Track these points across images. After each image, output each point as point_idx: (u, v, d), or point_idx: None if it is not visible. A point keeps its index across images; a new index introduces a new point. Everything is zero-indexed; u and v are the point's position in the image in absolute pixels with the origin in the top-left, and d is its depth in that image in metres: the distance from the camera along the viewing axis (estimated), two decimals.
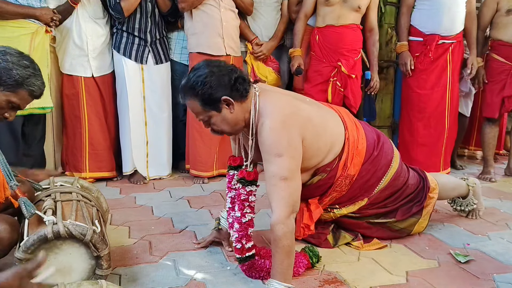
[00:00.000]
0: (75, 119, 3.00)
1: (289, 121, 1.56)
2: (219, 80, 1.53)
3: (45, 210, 1.44)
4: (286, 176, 1.51)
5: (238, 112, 1.57)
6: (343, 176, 1.81)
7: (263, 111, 1.57)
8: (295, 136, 1.57)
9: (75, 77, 2.95)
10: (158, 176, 3.18)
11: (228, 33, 2.99)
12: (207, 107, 1.54)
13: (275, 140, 1.52)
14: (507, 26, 3.06)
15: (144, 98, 3.07)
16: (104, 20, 3.01)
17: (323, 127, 1.73)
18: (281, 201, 1.50)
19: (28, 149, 2.87)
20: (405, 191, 2.03)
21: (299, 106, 1.67)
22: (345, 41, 2.92)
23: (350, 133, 1.81)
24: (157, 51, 3.09)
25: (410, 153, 3.19)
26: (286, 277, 1.48)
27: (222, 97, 1.53)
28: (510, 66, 3.09)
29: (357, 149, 1.82)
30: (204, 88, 1.51)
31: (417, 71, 3.11)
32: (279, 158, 1.50)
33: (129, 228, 2.17)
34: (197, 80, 1.52)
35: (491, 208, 2.60)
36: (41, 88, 1.63)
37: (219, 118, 1.57)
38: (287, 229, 1.48)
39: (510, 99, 3.12)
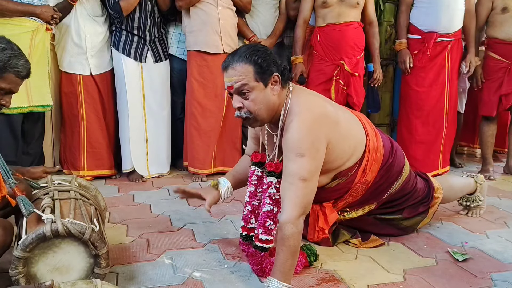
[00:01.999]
0: (73, 117, 3.00)
1: (317, 122, 1.56)
2: (275, 58, 1.57)
3: (43, 208, 1.44)
4: (306, 177, 1.51)
5: (277, 98, 1.58)
6: (361, 182, 1.83)
7: (293, 109, 1.58)
8: (321, 138, 1.57)
9: (73, 75, 2.95)
10: (158, 174, 3.18)
11: (226, 31, 2.98)
12: (258, 76, 1.52)
13: (300, 139, 1.52)
14: (502, 24, 3.06)
15: (144, 96, 3.07)
16: (102, 18, 3.00)
17: (348, 130, 1.74)
18: (295, 200, 1.49)
19: (27, 147, 2.87)
20: (413, 195, 2.05)
21: (328, 108, 1.67)
22: (347, 39, 2.91)
23: (371, 139, 1.83)
24: (156, 49, 3.09)
25: (409, 151, 3.17)
26: (286, 277, 1.47)
27: (275, 73, 1.54)
28: (507, 64, 3.09)
29: (376, 156, 1.84)
30: (265, 57, 1.53)
31: (415, 69, 3.10)
32: (301, 158, 1.51)
33: (127, 226, 2.17)
34: (258, 50, 1.55)
35: (490, 206, 2.60)
36: (25, 66, 1.60)
37: (261, 94, 1.54)
38: (296, 229, 1.47)
39: (507, 97, 3.11)
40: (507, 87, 3.09)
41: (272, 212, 1.65)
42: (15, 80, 1.58)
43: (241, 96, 1.55)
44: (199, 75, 3.02)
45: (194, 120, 3.05)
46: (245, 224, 1.79)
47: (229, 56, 1.58)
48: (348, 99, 2.98)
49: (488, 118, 3.25)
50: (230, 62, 1.55)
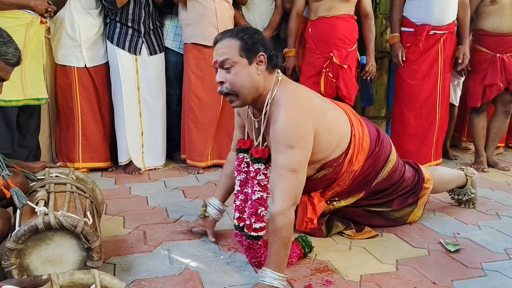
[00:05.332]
0: (68, 109, 3.00)
1: (305, 114, 1.57)
2: (265, 41, 1.60)
3: (37, 201, 1.45)
4: (295, 168, 1.52)
5: (262, 79, 1.58)
6: (347, 171, 1.84)
7: (280, 99, 1.58)
8: (309, 129, 1.58)
9: (68, 68, 2.95)
10: (153, 167, 3.19)
11: (223, 23, 2.98)
12: (243, 52, 1.54)
13: (288, 131, 1.52)
14: (490, 16, 3.08)
15: (139, 88, 3.07)
16: (97, 10, 2.99)
17: (334, 122, 1.75)
18: (285, 191, 1.51)
19: (23, 140, 2.88)
20: (402, 184, 2.07)
21: (315, 100, 1.68)
22: (337, 32, 2.92)
23: (356, 130, 1.84)
24: (151, 42, 3.08)
25: (401, 143, 3.21)
26: (281, 267, 1.49)
27: (261, 52, 1.56)
28: (492, 55, 3.12)
29: (362, 146, 1.85)
30: (252, 36, 1.55)
31: (408, 62, 3.12)
32: (290, 150, 1.52)
33: (124, 218, 2.19)
34: (249, 28, 1.61)
35: (482, 198, 2.63)
36: (15, 54, 1.59)
37: (245, 70, 1.54)
38: (288, 220, 1.49)
39: (491, 88, 3.15)
40: (491, 78, 3.12)
41: (263, 198, 1.66)
42: (5, 68, 1.56)
43: (225, 71, 1.56)
44: (196, 67, 3.02)
45: (192, 113, 3.06)
46: (240, 215, 1.79)
47: (219, 33, 1.63)
48: (338, 92, 2.99)
49: (477, 109, 3.28)
50: (219, 38, 1.59)
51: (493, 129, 3.37)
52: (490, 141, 3.42)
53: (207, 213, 1.94)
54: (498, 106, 3.33)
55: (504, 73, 3.10)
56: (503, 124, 3.35)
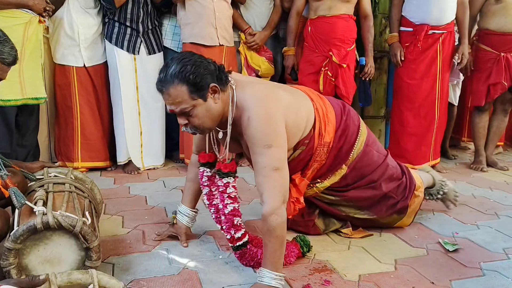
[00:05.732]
0: (67, 109, 2.99)
1: (272, 109, 1.57)
2: (207, 67, 1.51)
3: (36, 200, 1.45)
4: (277, 166, 1.53)
5: (221, 103, 1.56)
6: (320, 145, 1.82)
7: (244, 104, 1.57)
8: (281, 124, 1.59)
9: (66, 67, 2.94)
10: (152, 166, 3.19)
11: (221, 23, 2.98)
12: (194, 94, 1.49)
13: (263, 132, 1.52)
14: (495, 15, 3.07)
15: (137, 88, 3.07)
16: (95, 10, 2.99)
17: (298, 104, 1.75)
18: (273, 191, 1.51)
19: (22, 139, 2.88)
20: (387, 171, 2.00)
21: (278, 93, 1.68)
22: (336, 31, 2.92)
23: (317, 104, 1.83)
24: (149, 41, 3.08)
25: (400, 143, 3.21)
26: (278, 266, 1.50)
27: (211, 84, 1.51)
28: (496, 54, 3.12)
29: (327, 117, 1.84)
30: (195, 72, 1.47)
31: (407, 61, 3.12)
32: (268, 149, 1.52)
33: (123, 217, 2.19)
34: (187, 65, 1.48)
35: (481, 197, 2.64)
36: (11, 53, 1.60)
37: (203, 108, 1.52)
38: (280, 219, 1.49)
39: (495, 87, 3.15)
40: (495, 77, 3.12)
41: (235, 209, 1.68)
42: (1, 67, 1.57)
43: (184, 116, 1.54)
44: None
45: None
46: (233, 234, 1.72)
47: (160, 75, 1.52)
48: (336, 91, 3.00)
49: (480, 109, 3.28)
50: (163, 86, 1.50)
51: (492, 128, 3.37)
52: (490, 140, 3.42)
53: (175, 221, 1.92)
54: (497, 105, 3.33)
55: (509, 72, 3.10)
56: (501, 123, 3.36)
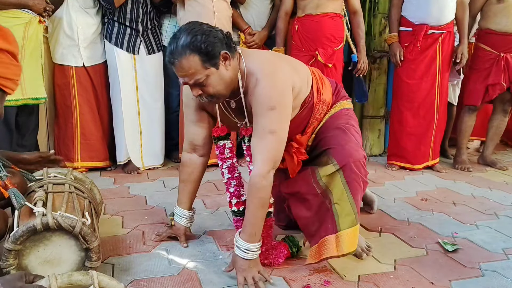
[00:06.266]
0: (66, 109, 2.99)
1: (280, 74, 1.57)
2: (216, 35, 1.51)
3: (35, 201, 1.44)
4: (275, 130, 1.52)
5: (232, 69, 1.56)
6: (319, 101, 1.79)
7: (251, 69, 1.57)
8: (287, 86, 1.58)
9: (66, 67, 2.94)
10: (152, 166, 3.20)
11: (221, 23, 2.97)
12: (207, 63, 1.48)
13: (269, 93, 1.52)
14: (496, 15, 3.07)
15: (137, 88, 3.07)
16: (94, 9, 2.98)
17: (299, 68, 1.75)
18: (266, 154, 1.52)
19: (22, 140, 2.88)
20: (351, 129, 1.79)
21: (281, 57, 1.72)
22: (323, 29, 2.92)
23: (311, 69, 1.84)
24: (149, 41, 3.08)
25: (400, 143, 3.22)
26: (255, 235, 1.53)
27: (222, 52, 1.50)
28: (496, 54, 3.11)
29: (322, 79, 1.84)
30: (206, 41, 1.46)
31: (406, 61, 3.12)
32: (271, 111, 1.52)
33: (123, 218, 2.19)
34: (196, 35, 1.47)
35: (480, 197, 2.65)
36: None
37: (216, 77, 1.51)
38: (266, 182, 1.51)
39: (494, 87, 3.15)
40: (494, 77, 3.12)
41: None
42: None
43: (198, 86, 1.53)
44: None
45: None
46: (237, 199, 1.76)
47: (170, 47, 1.49)
48: None
49: (471, 108, 3.28)
50: (174, 56, 1.48)
51: (491, 128, 3.38)
52: (489, 140, 3.42)
53: (173, 222, 1.91)
54: (496, 105, 3.33)
55: (508, 73, 3.10)
56: (501, 122, 3.36)
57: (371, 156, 3.70)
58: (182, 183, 1.91)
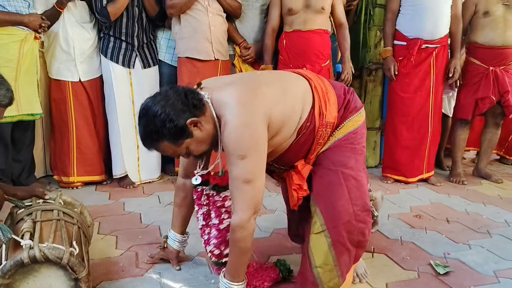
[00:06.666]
0: (62, 123, 3.00)
1: (249, 115, 1.46)
2: (174, 107, 1.42)
3: (23, 233, 1.45)
4: (250, 179, 1.47)
5: (207, 126, 1.51)
6: (322, 125, 1.66)
7: (220, 112, 1.50)
8: (259, 128, 1.47)
9: (62, 82, 2.94)
10: (149, 180, 3.20)
11: (216, 37, 2.99)
12: (179, 141, 1.46)
13: (237, 140, 1.44)
14: (483, 28, 3.07)
15: (133, 102, 3.07)
16: (91, 24, 2.99)
17: (285, 87, 1.63)
18: (243, 204, 1.48)
19: (18, 154, 2.89)
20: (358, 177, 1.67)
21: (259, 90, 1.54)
22: (312, 46, 2.94)
23: (315, 82, 1.69)
24: (144, 55, 3.08)
25: (394, 156, 3.23)
26: (237, 277, 1.56)
27: (187, 122, 1.44)
28: (485, 68, 3.11)
29: (328, 96, 1.68)
30: (166, 124, 1.41)
31: (401, 75, 3.13)
32: (241, 161, 1.46)
33: (117, 237, 2.20)
34: (155, 122, 1.42)
35: (474, 214, 2.65)
36: (6, 95, 1.63)
37: (195, 142, 1.50)
38: (247, 232, 1.50)
39: (483, 101, 3.15)
40: (484, 91, 3.12)
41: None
42: None
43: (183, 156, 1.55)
44: (190, 81, 3.02)
45: None
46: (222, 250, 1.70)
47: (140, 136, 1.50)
48: None
49: (463, 121, 3.29)
50: (149, 147, 1.51)
51: (485, 141, 3.39)
52: (483, 152, 3.43)
53: (166, 245, 1.92)
54: (488, 118, 3.34)
55: (497, 87, 3.10)
56: (494, 135, 3.37)
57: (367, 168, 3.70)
58: (176, 207, 1.91)
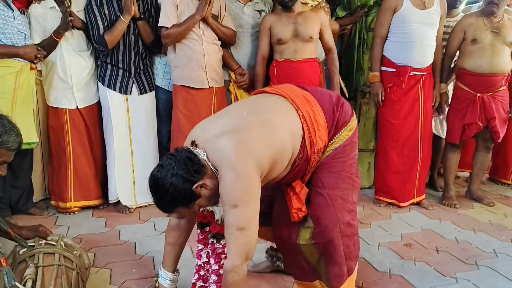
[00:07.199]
0: (60, 150, 3.05)
1: (241, 168, 1.54)
2: (180, 177, 1.54)
3: (25, 279, 1.52)
4: (243, 226, 1.56)
5: (211, 183, 1.61)
6: (314, 152, 1.75)
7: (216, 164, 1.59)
8: (251, 178, 1.56)
9: (60, 109, 2.99)
10: (145, 203, 3.25)
11: (211, 66, 3.03)
12: (191, 204, 1.59)
13: (229, 192, 1.55)
14: (471, 55, 3.11)
15: (130, 127, 3.12)
16: (88, 52, 3.04)
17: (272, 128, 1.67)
18: (236, 250, 1.56)
19: (16, 181, 2.95)
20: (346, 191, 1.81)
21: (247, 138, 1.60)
22: (302, 75, 3.00)
23: (303, 110, 1.73)
24: (141, 81, 3.13)
25: (385, 180, 3.28)
26: None
27: (193, 187, 1.55)
28: (472, 94, 3.15)
29: (316, 122, 1.74)
30: (177, 197, 1.54)
31: (391, 102, 3.18)
32: (234, 209, 1.55)
33: (111, 271, 2.25)
34: (167, 196, 1.55)
35: (463, 242, 2.69)
36: (16, 141, 1.72)
37: (204, 200, 1.61)
38: (238, 277, 1.56)
39: (470, 127, 3.19)
40: (470, 117, 3.16)
41: None
42: (7, 154, 1.70)
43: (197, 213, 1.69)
44: (184, 108, 3.07)
45: None
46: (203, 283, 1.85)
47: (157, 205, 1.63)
48: None
49: (453, 145, 3.33)
50: (167, 213, 1.68)
51: (476, 164, 3.43)
52: (475, 175, 3.47)
53: (157, 284, 1.95)
54: (479, 142, 3.38)
55: (484, 113, 3.14)
56: (485, 159, 3.41)
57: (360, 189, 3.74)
58: (169, 246, 1.94)
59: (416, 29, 3.04)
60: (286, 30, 2.99)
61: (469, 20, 3.14)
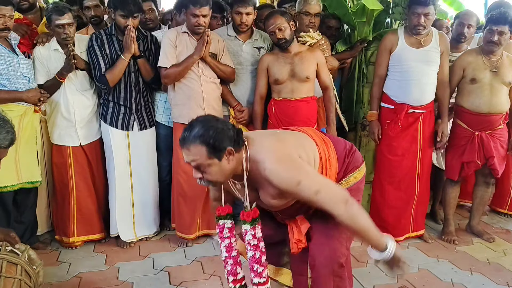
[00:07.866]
0: (63, 186, 3.13)
1: (284, 153, 1.74)
2: (226, 131, 1.67)
3: None
4: (319, 189, 1.68)
5: (235, 163, 1.70)
6: None
7: (257, 158, 1.72)
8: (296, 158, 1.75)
9: (63, 147, 3.08)
10: (145, 236, 3.32)
11: (210, 104, 3.09)
12: (211, 155, 1.64)
13: (285, 175, 1.67)
14: (470, 94, 3.10)
15: (130, 163, 3.19)
16: (91, 91, 3.13)
17: (303, 145, 1.87)
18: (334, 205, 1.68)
19: (21, 216, 3.03)
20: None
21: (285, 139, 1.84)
22: (300, 113, 3.05)
23: (321, 148, 1.92)
24: (142, 118, 3.20)
25: (381, 215, 3.27)
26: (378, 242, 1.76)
27: (228, 147, 1.66)
28: (471, 132, 3.13)
29: (329, 162, 1.92)
30: (216, 137, 1.63)
31: (388, 138, 3.19)
32: (299, 186, 1.67)
33: None
34: (209, 130, 1.64)
35: (459, 285, 2.68)
36: (6, 138, 1.75)
37: (217, 168, 1.67)
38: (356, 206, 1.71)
39: (469, 165, 3.18)
40: (469, 155, 3.14)
41: (255, 257, 1.80)
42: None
43: (199, 170, 1.70)
44: None
45: (180, 188, 3.18)
46: (234, 277, 1.90)
47: (184, 134, 1.69)
48: None
49: (452, 180, 3.32)
50: (185, 142, 1.68)
51: (476, 199, 3.41)
52: (474, 210, 3.45)
53: None
54: (478, 177, 3.36)
55: (482, 151, 3.12)
56: (485, 193, 3.39)
57: None
58: None
59: (413, 67, 3.05)
60: (283, 71, 3.03)
61: (468, 58, 3.13)
